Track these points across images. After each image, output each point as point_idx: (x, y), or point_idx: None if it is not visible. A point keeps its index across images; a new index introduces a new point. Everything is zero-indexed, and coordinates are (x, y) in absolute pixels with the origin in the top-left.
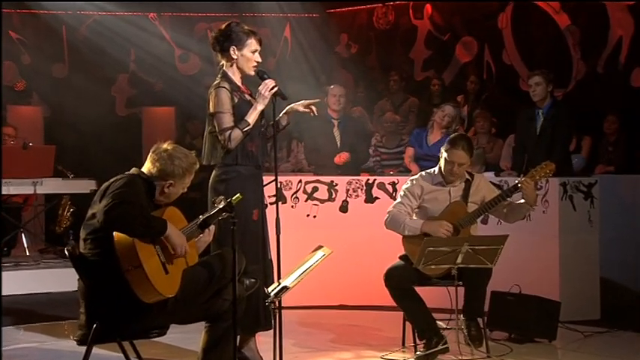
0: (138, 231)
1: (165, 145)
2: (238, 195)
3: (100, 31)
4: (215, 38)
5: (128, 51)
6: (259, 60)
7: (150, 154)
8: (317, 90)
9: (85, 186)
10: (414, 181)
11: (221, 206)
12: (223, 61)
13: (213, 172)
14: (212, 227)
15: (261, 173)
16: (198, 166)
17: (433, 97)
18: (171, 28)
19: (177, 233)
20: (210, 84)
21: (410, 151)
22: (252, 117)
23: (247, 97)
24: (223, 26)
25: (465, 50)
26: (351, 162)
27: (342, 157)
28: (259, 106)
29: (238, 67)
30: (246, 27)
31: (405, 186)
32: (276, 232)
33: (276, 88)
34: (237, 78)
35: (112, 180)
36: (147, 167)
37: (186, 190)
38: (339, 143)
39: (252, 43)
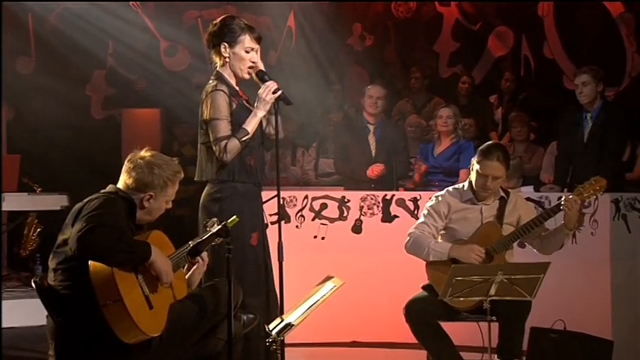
0: (117, 258)
1: (142, 153)
2: (234, 217)
3: (72, 21)
4: (208, 34)
5: (105, 43)
6: (255, 61)
7: (125, 163)
8: (325, 90)
9: (54, 202)
10: (440, 198)
11: (214, 230)
12: (217, 61)
13: (206, 189)
14: (204, 255)
15: (260, 191)
16: (182, 175)
17: (461, 97)
18: (155, 16)
19: (163, 259)
20: (201, 81)
21: (422, 166)
22: (251, 125)
23: (245, 102)
24: (218, 20)
25: (499, 42)
26: (387, 175)
27: (375, 170)
28: (260, 113)
29: (230, 68)
30: (243, 22)
31: (428, 203)
32: (279, 259)
33: (279, 92)
34: (232, 80)
35: (85, 200)
36: (122, 180)
37: (170, 205)
38: (373, 153)
39: (246, 40)
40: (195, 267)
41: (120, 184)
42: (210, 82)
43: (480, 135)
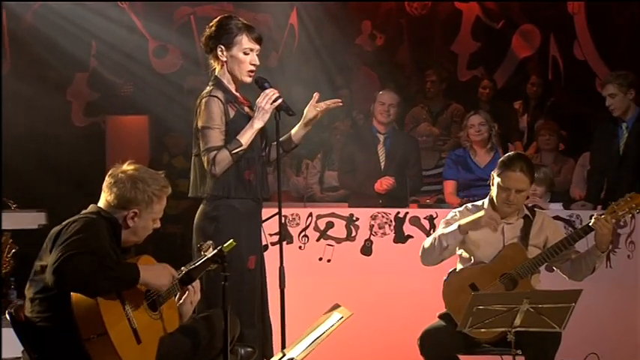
0: (101, 287)
1: (124, 167)
2: (231, 241)
3: (51, 19)
4: (205, 37)
5: (87, 43)
6: (256, 62)
7: (106, 179)
8: (331, 95)
9: (31, 220)
10: (458, 214)
11: (209, 255)
12: (216, 66)
13: (200, 208)
14: (197, 284)
15: (260, 208)
16: (169, 190)
17: (482, 103)
18: (143, 13)
19: (154, 271)
20: (194, 85)
21: (450, 186)
22: (246, 136)
23: (246, 109)
24: (214, 21)
25: (524, 42)
26: (397, 189)
27: (384, 183)
28: (257, 124)
29: (230, 72)
30: (241, 21)
31: (445, 218)
32: (280, 286)
33: (279, 101)
34: (232, 86)
35: (64, 223)
36: (103, 198)
37: (158, 224)
38: (383, 165)
39: (244, 41)
40: (186, 295)
41: (101, 203)
42: (207, 88)
43: (502, 145)
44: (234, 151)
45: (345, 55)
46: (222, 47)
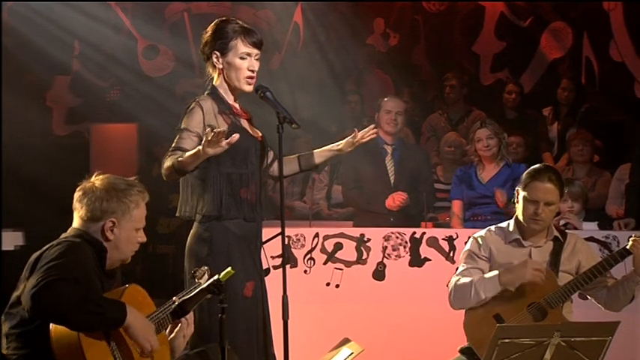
0: (83, 321)
1: (92, 178)
2: (229, 269)
3: (29, 17)
4: (202, 44)
5: (69, 44)
6: (254, 68)
7: (75, 195)
8: (340, 101)
9: (7, 241)
10: (480, 240)
11: (204, 285)
12: (214, 74)
13: (192, 229)
14: (191, 315)
15: (259, 229)
16: (147, 195)
17: (507, 109)
18: (131, 10)
19: (142, 321)
20: (187, 90)
21: (455, 206)
22: (188, 154)
23: (243, 122)
24: (210, 26)
25: (554, 41)
26: (411, 206)
27: (396, 199)
28: (208, 150)
29: (226, 81)
30: (239, 24)
31: (467, 247)
32: (283, 317)
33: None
34: (230, 96)
35: (44, 248)
36: (76, 216)
37: (144, 237)
38: (392, 179)
39: (239, 45)
40: (178, 328)
41: (76, 223)
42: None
43: (530, 156)
44: (177, 159)
45: (355, 56)
46: (218, 53)
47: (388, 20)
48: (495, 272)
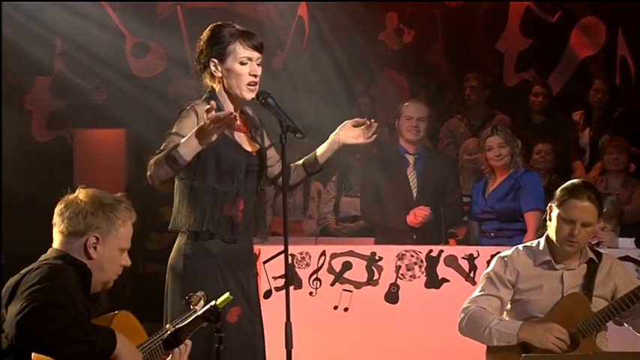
0: (71, 350)
1: (76, 192)
2: (227, 295)
3: (6, 12)
4: (197, 53)
5: (51, 42)
6: (256, 73)
7: (56, 209)
8: (349, 104)
9: None
10: (506, 260)
11: (200, 312)
12: (214, 85)
13: (176, 242)
14: (189, 344)
15: (245, 250)
16: (134, 214)
17: (534, 113)
18: (119, 4)
19: (132, 351)
20: (180, 92)
21: (474, 222)
22: (183, 147)
23: (239, 135)
24: (204, 32)
25: (585, 38)
26: (434, 222)
27: (419, 215)
28: (196, 141)
29: (226, 90)
30: (236, 27)
31: (490, 267)
32: (286, 346)
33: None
34: (229, 106)
35: (23, 271)
36: (56, 232)
37: (128, 260)
38: (415, 193)
39: (238, 49)
40: (170, 358)
41: (56, 241)
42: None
43: (559, 165)
44: (165, 154)
45: (366, 54)
46: (215, 61)
47: (402, 15)
48: (516, 327)
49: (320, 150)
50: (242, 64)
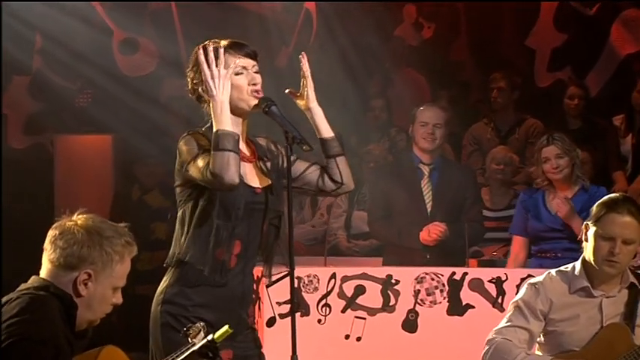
0: None
1: (74, 217)
2: (226, 328)
3: None
4: (189, 84)
5: (28, 38)
6: (256, 81)
7: (49, 233)
8: (362, 107)
9: None
10: (537, 287)
11: (197, 347)
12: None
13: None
14: None
15: (240, 292)
16: (135, 249)
17: (570, 118)
18: None
19: None
20: (174, 94)
21: (517, 245)
22: (218, 120)
23: (245, 166)
24: (190, 59)
25: (627, 33)
26: (450, 240)
27: (432, 232)
28: (220, 98)
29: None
30: (219, 42)
31: (519, 295)
32: None
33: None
34: (237, 128)
35: (3, 300)
36: (46, 259)
37: (120, 298)
38: (429, 207)
39: (230, 61)
40: None
41: (44, 270)
42: None
43: (598, 176)
44: (217, 145)
45: (381, 51)
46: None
47: (421, 7)
48: (548, 359)
49: (317, 130)
50: (237, 74)
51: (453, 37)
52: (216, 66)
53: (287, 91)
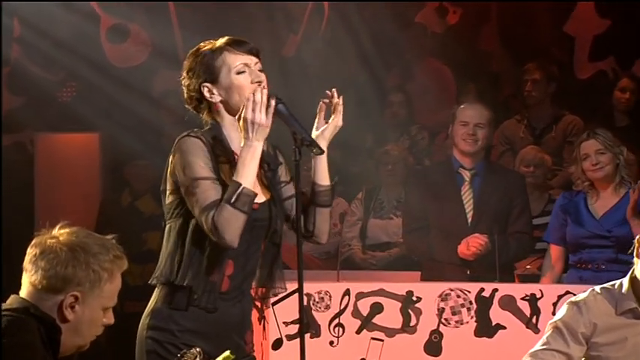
0: None
1: (55, 231)
2: (227, 354)
3: None
4: (186, 90)
5: (6, 25)
6: (260, 79)
7: (28, 251)
8: (378, 103)
9: None
10: (580, 307)
11: None
12: (215, 119)
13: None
14: None
15: (237, 316)
16: (125, 263)
17: (617, 114)
18: None
19: None
20: (168, 87)
21: (556, 252)
22: (244, 171)
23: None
24: (184, 65)
25: None
26: (492, 253)
27: (472, 245)
28: (255, 144)
29: (232, 113)
30: (214, 42)
31: (558, 315)
32: None
33: (272, 103)
34: (234, 138)
35: None
36: (26, 281)
37: (111, 318)
38: (470, 217)
39: (229, 59)
40: None
41: (24, 291)
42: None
43: None
44: (234, 201)
45: (400, 40)
46: (208, 85)
47: None
48: None
49: (313, 170)
50: (239, 73)
51: (481, 23)
52: (261, 112)
53: (324, 101)
